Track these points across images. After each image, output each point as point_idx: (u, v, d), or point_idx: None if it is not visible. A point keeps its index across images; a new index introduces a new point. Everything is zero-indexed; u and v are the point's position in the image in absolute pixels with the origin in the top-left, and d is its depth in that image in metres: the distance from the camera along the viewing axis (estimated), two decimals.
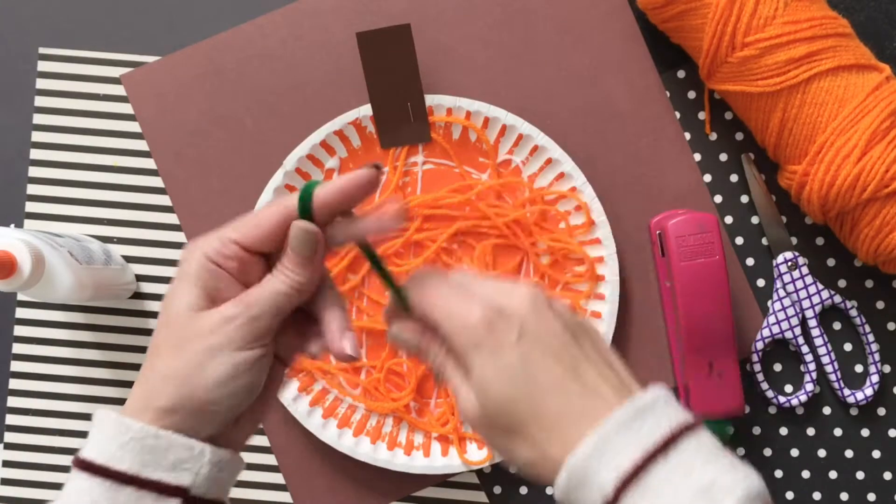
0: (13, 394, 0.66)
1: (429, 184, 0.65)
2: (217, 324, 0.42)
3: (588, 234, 0.64)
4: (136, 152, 0.66)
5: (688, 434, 0.38)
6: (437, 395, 0.65)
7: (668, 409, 0.39)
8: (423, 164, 0.65)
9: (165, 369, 0.42)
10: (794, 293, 0.64)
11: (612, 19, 0.66)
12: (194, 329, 0.42)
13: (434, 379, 0.61)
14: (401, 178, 0.65)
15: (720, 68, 0.60)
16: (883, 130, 0.56)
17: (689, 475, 0.37)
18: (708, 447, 0.38)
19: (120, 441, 0.41)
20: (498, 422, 0.40)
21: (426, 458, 0.64)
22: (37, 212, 0.66)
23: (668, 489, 0.37)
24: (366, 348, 0.65)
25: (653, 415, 0.38)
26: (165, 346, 0.42)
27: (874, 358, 0.65)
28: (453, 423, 0.64)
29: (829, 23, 0.57)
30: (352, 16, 0.66)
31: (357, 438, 0.64)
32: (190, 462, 0.41)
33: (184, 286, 0.43)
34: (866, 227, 0.58)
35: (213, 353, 0.42)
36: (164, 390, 0.41)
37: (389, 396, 0.64)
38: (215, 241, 0.43)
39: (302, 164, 0.63)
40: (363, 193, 0.41)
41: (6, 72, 0.67)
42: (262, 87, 0.66)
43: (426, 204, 0.64)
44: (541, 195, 0.64)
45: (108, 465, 0.40)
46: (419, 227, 0.64)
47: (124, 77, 0.66)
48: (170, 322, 0.42)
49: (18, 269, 0.52)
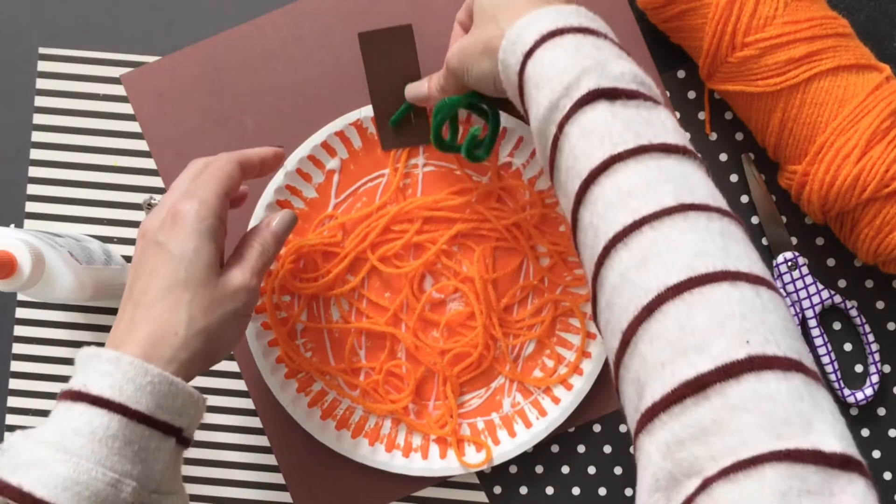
0: (13, 394, 0.66)
1: (429, 186, 0.65)
2: (236, 290, 0.50)
3: None
4: (136, 152, 0.66)
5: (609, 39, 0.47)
6: (436, 398, 0.65)
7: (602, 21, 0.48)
8: (424, 165, 0.65)
9: (197, 325, 0.48)
10: (794, 293, 0.64)
11: (612, 19, 0.65)
12: (219, 292, 0.49)
13: None
14: (401, 179, 0.65)
15: (720, 68, 0.60)
16: (883, 130, 0.56)
17: (598, 49, 0.45)
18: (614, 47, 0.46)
19: (138, 383, 0.45)
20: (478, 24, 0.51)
21: (424, 461, 0.64)
22: (37, 212, 0.66)
23: (571, 48, 0.45)
24: (365, 350, 0.65)
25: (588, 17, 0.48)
26: (196, 304, 0.48)
27: (874, 358, 0.65)
28: (451, 426, 0.64)
29: (829, 23, 0.57)
30: (352, 16, 0.66)
31: (356, 440, 0.64)
32: (191, 408, 0.47)
33: (203, 242, 0.49)
34: (866, 227, 0.58)
35: (234, 316, 0.50)
36: (196, 344, 0.48)
37: (388, 398, 0.64)
38: (214, 198, 0.50)
39: (303, 164, 0.63)
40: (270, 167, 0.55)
41: (6, 72, 0.67)
42: (262, 87, 0.66)
43: (426, 206, 0.64)
44: (541, 198, 0.64)
45: (126, 404, 0.44)
46: (419, 229, 0.64)
47: (124, 77, 0.66)
48: (195, 281, 0.48)
49: (18, 269, 0.52)
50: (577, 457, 0.66)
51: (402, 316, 0.65)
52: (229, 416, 0.66)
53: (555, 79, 0.44)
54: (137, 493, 0.44)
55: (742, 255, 0.39)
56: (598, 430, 0.66)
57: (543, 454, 0.65)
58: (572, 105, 0.43)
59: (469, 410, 0.65)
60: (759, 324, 0.36)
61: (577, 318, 0.64)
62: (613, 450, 0.65)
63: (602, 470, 0.66)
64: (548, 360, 0.65)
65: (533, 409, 0.64)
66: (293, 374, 0.64)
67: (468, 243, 0.65)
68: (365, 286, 0.65)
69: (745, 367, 0.35)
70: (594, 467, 0.65)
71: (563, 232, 0.64)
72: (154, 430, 0.45)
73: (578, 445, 0.65)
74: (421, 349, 0.64)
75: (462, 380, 0.65)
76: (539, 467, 0.65)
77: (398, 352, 0.65)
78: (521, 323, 0.65)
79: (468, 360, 0.64)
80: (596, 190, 0.42)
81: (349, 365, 0.64)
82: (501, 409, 0.65)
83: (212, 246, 0.49)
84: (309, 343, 0.65)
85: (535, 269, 0.65)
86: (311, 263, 0.64)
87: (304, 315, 0.65)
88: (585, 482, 0.66)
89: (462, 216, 0.64)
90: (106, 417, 0.44)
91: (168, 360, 0.47)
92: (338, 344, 0.65)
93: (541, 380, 0.64)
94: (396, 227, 0.64)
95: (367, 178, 0.65)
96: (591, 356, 0.64)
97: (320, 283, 0.64)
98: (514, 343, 0.65)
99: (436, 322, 0.65)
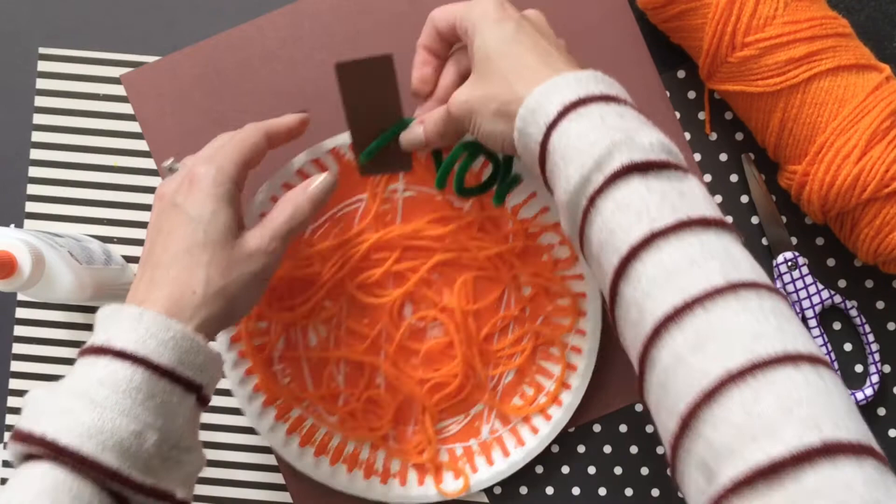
0: (13, 394, 0.66)
1: (409, 211, 0.63)
2: (255, 252, 0.51)
3: (571, 269, 0.63)
4: (136, 152, 0.66)
5: (628, 103, 0.47)
6: (415, 422, 0.64)
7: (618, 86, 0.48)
8: (404, 190, 0.63)
9: (216, 285, 0.49)
10: (794, 293, 0.64)
11: (612, 19, 0.66)
12: (238, 254, 0.50)
13: None
14: (380, 206, 0.63)
15: (720, 68, 0.60)
16: (883, 130, 0.56)
17: (620, 119, 0.45)
18: (636, 114, 0.46)
19: (161, 338, 0.46)
20: (484, 76, 0.50)
21: (402, 487, 0.63)
22: (37, 212, 0.66)
23: (597, 118, 0.45)
24: (343, 376, 0.64)
25: (606, 82, 0.47)
26: (214, 265, 0.49)
27: (874, 358, 0.65)
28: (430, 454, 0.63)
29: (829, 23, 0.57)
30: (352, 16, 0.66)
31: (334, 467, 0.63)
32: (210, 366, 0.48)
33: (220, 205, 0.50)
34: (866, 227, 0.58)
35: (253, 277, 0.51)
36: (214, 303, 0.49)
37: (367, 425, 0.63)
38: (231, 165, 0.52)
39: (279, 193, 0.61)
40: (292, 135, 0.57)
41: (6, 72, 0.67)
42: (262, 87, 0.66)
43: (407, 235, 0.62)
44: (524, 228, 0.63)
45: (150, 357, 0.45)
46: (398, 257, 0.63)
47: (124, 77, 0.66)
48: (213, 242, 0.49)
49: (18, 269, 0.52)
50: (577, 457, 0.66)
51: (382, 342, 0.63)
52: (229, 416, 0.66)
53: (584, 152, 0.44)
54: (160, 445, 0.45)
55: (797, 333, 0.39)
56: (598, 430, 0.66)
57: (543, 454, 0.65)
58: (605, 180, 0.43)
59: (448, 436, 0.64)
60: (827, 408, 0.36)
61: (558, 348, 0.63)
62: (613, 450, 0.65)
63: (602, 470, 0.65)
64: (527, 387, 0.64)
65: (511, 437, 0.63)
66: (272, 402, 0.63)
67: (448, 272, 0.63)
68: (343, 312, 0.63)
69: (819, 454, 0.35)
70: (594, 467, 0.65)
71: (546, 261, 0.63)
72: (176, 385, 0.46)
73: (578, 445, 0.65)
74: (400, 377, 0.63)
75: (441, 408, 0.64)
76: (539, 467, 0.65)
77: (377, 378, 0.64)
78: (502, 352, 0.64)
79: (447, 389, 0.63)
80: (638, 266, 0.42)
81: (328, 391, 0.63)
82: (480, 435, 0.64)
83: (229, 210, 0.50)
84: (287, 369, 0.64)
85: (517, 299, 0.63)
86: (288, 291, 0.63)
87: (281, 342, 0.63)
88: (585, 482, 0.65)
89: (443, 245, 0.63)
90: (130, 370, 0.45)
91: (188, 319, 0.48)
92: (316, 369, 0.64)
93: (520, 408, 0.63)
94: (376, 255, 0.63)
95: (344, 202, 0.63)
96: (571, 388, 0.63)
97: (297, 313, 0.63)
98: (493, 373, 0.64)
99: (415, 350, 0.63)
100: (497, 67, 0.49)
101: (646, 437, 0.65)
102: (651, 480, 0.65)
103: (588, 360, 0.62)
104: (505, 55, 0.49)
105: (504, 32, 0.50)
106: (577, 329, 0.63)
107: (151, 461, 0.45)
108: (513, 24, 0.50)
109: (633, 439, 0.65)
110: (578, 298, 0.63)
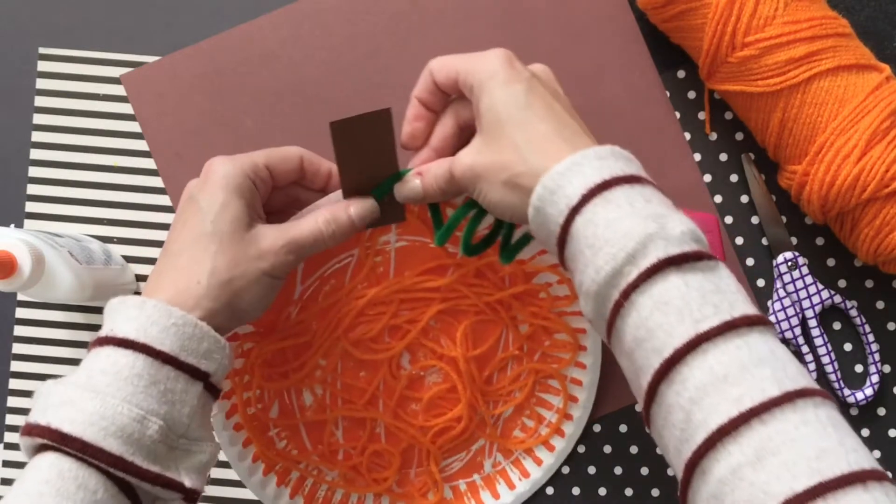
0: (13, 394, 0.66)
1: (402, 262, 0.60)
2: (266, 251, 0.49)
3: (570, 307, 0.61)
4: (136, 152, 0.66)
5: (648, 183, 0.45)
6: (418, 464, 0.62)
7: (637, 163, 0.46)
8: (397, 241, 0.60)
9: (221, 276, 0.48)
10: (794, 293, 0.64)
11: (612, 19, 0.66)
12: (246, 248, 0.49)
13: None
14: (373, 257, 0.60)
15: (720, 68, 0.60)
16: (883, 130, 0.56)
17: (648, 203, 0.43)
18: (663, 196, 0.45)
19: (162, 325, 0.46)
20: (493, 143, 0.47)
21: None
22: (37, 212, 0.66)
23: (625, 205, 0.43)
24: (342, 430, 0.62)
25: (625, 159, 0.46)
26: (221, 256, 0.48)
27: (874, 358, 0.65)
28: (436, 496, 0.62)
29: (829, 23, 0.57)
30: (352, 16, 0.66)
31: None
32: (217, 353, 0.48)
33: (231, 197, 0.49)
34: (866, 227, 0.58)
35: (260, 275, 0.49)
36: (219, 294, 0.48)
37: (371, 477, 0.62)
38: (249, 162, 0.51)
39: None
40: None
41: (6, 72, 0.67)
42: (262, 87, 0.66)
43: (404, 289, 0.60)
44: (522, 270, 0.60)
45: (151, 344, 0.45)
46: (395, 311, 0.60)
47: (124, 77, 0.66)
48: (221, 233, 0.49)
49: (18, 269, 0.52)
50: (576, 457, 0.66)
51: (380, 395, 0.61)
52: None
53: (615, 243, 0.42)
54: (165, 432, 0.45)
55: (857, 446, 0.38)
56: (598, 430, 0.66)
57: None
58: (640, 274, 0.42)
59: (451, 474, 0.63)
60: None
61: (557, 381, 0.62)
62: (613, 450, 0.65)
63: (602, 470, 0.65)
64: (528, 420, 0.63)
65: (514, 469, 0.63)
66: (270, 469, 0.60)
67: (447, 318, 0.61)
68: (338, 369, 0.61)
69: None
70: (594, 467, 0.65)
71: (544, 299, 0.61)
72: (180, 371, 0.46)
73: (578, 445, 0.65)
74: (401, 427, 0.61)
75: (444, 450, 0.63)
76: None
77: (377, 428, 0.62)
78: (502, 390, 0.62)
79: (451, 433, 0.61)
80: (684, 371, 0.40)
81: (327, 447, 0.61)
82: (483, 469, 0.63)
83: (240, 202, 0.49)
84: (283, 432, 0.61)
85: (515, 337, 0.62)
86: (281, 359, 0.60)
87: (275, 408, 0.61)
88: (586, 482, 0.65)
89: (441, 295, 0.60)
90: (131, 357, 0.45)
91: (192, 307, 0.47)
92: (313, 427, 0.61)
93: (522, 441, 0.63)
94: (371, 309, 0.60)
95: (335, 259, 0.60)
96: (573, 418, 0.62)
97: (292, 380, 0.60)
98: (494, 412, 0.62)
99: (416, 398, 0.62)
100: (508, 135, 0.47)
101: (646, 437, 0.65)
102: (651, 480, 0.65)
103: (589, 393, 0.62)
104: (516, 123, 0.47)
105: (515, 96, 0.47)
106: (576, 362, 0.62)
107: (156, 448, 0.45)
108: (523, 86, 0.47)
109: (633, 439, 0.65)
110: (578, 334, 0.61)
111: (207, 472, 0.48)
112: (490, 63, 0.48)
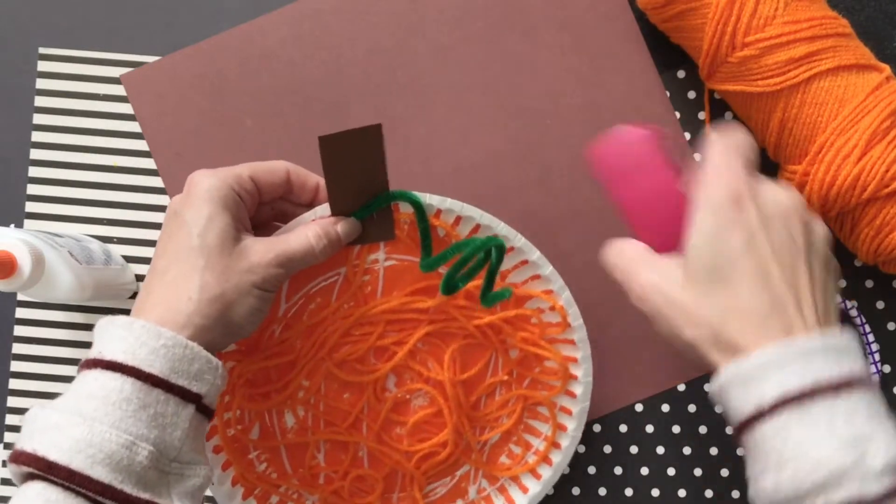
0: (13, 394, 0.66)
1: (391, 281, 0.57)
2: (256, 264, 0.48)
3: (562, 334, 0.59)
4: (136, 152, 0.66)
5: (862, 386, 0.41)
6: (401, 489, 0.60)
7: (853, 355, 0.42)
8: (385, 260, 0.57)
9: (211, 291, 0.47)
10: None
11: (612, 19, 0.66)
12: (235, 262, 0.48)
13: None
14: (360, 276, 0.57)
15: (720, 68, 0.60)
16: (883, 130, 0.56)
17: (850, 422, 0.40)
18: (876, 406, 0.41)
19: (151, 346, 0.44)
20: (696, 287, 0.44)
21: None
22: (37, 212, 0.66)
23: (823, 424, 0.39)
24: (324, 453, 0.59)
25: (836, 353, 0.41)
26: (210, 270, 0.47)
27: (874, 358, 0.65)
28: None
29: (829, 23, 0.57)
30: (352, 16, 0.66)
31: None
32: (209, 374, 0.46)
33: (216, 210, 0.48)
34: (866, 227, 0.58)
35: (251, 288, 0.48)
36: (210, 310, 0.47)
37: (352, 502, 0.60)
38: (231, 175, 0.50)
39: None
40: None
41: (6, 72, 0.67)
42: (262, 87, 0.66)
43: (392, 310, 0.57)
44: (514, 294, 0.58)
45: (140, 367, 0.44)
46: (381, 332, 0.58)
47: (124, 77, 0.66)
48: (209, 247, 0.47)
49: (18, 269, 0.52)
50: (577, 457, 0.66)
51: (364, 416, 0.59)
52: None
53: (803, 469, 0.40)
54: (155, 458, 0.43)
55: None
56: (599, 430, 0.66)
57: None
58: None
59: (435, 499, 0.61)
60: None
61: (546, 408, 0.60)
62: (613, 450, 0.65)
63: (602, 470, 0.66)
64: (515, 446, 0.61)
65: (500, 496, 0.61)
66: (250, 493, 0.58)
67: (434, 341, 0.59)
68: (322, 390, 0.59)
69: None
70: (594, 467, 0.65)
71: (535, 325, 0.58)
72: (170, 394, 0.44)
73: (578, 445, 0.65)
74: (384, 451, 0.59)
75: (428, 475, 0.61)
76: None
77: (360, 451, 0.60)
78: (489, 415, 0.60)
79: (436, 458, 0.59)
80: None
81: (308, 471, 0.59)
82: (467, 496, 0.61)
83: (226, 215, 0.48)
84: (263, 455, 0.59)
85: (504, 362, 0.59)
86: (264, 379, 0.58)
87: (256, 429, 0.59)
88: (586, 482, 0.66)
89: (429, 316, 0.58)
90: (119, 380, 0.43)
91: (182, 325, 0.46)
92: (294, 450, 0.59)
93: (508, 468, 0.61)
94: (357, 330, 0.58)
95: (320, 277, 0.57)
96: (561, 447, 0.60)
97: (274, 400, 0.58)
98: (481, 438, 0.60)
99: (400, 422, 0.59)
100: (712, 291, 0.43)
101: (646, 437, 0.65)
102: (651, 480, 0.65)
103: (578, 422, 0.60)
104: (725, 279, 0.43)
105: (730, 244, 0.43)
106: (566, 390, 0.60)
107: (147, 474, 0.43)
108: (743, 237, 0.43)
109: (633, 439, 0.65)
110: (568, 363, 0.59)
111: (201, 495, 0.47)
112: (717, 190, 0.44)
